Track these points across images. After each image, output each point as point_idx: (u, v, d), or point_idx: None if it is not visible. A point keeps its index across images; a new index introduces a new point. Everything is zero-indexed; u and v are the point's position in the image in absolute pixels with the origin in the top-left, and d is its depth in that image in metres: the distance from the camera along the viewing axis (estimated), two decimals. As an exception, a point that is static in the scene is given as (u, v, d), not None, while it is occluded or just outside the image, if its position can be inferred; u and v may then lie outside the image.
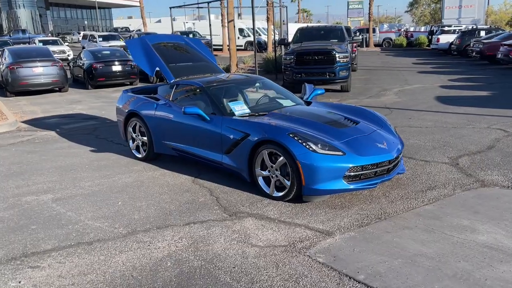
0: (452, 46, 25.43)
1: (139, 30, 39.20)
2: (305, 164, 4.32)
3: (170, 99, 6.07)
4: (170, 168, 5.99)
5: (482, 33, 24.21)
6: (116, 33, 34.65)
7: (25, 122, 9.92)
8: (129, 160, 6.52)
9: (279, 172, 4.61)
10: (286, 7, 17.10)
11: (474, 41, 21.51)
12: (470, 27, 28.42)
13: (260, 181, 4.83)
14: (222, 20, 33.95)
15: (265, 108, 5.60)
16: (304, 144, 4.39)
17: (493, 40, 20.19)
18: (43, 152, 7.21)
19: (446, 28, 29.14)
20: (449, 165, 5.65)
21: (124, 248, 3.76)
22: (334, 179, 4.36)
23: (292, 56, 12.13)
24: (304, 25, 19.92)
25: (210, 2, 14.54)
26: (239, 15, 53.92)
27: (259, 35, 37.02)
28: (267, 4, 21.81)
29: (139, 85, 16.59)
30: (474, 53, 20.82)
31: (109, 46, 25.24)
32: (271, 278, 3.16)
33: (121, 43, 27.46)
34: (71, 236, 4.02)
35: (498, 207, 4.27)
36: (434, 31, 31.74)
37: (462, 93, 11.84)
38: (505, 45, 17.88)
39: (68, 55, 26.45)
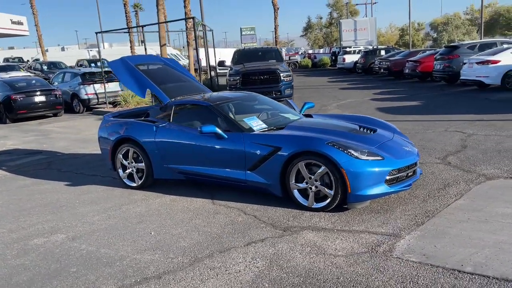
0: (358, 65, 27.57)
1: (37, 59, 36.45)
2: (350, 171, 4.37)
3: (171, 121, 5.76)
4: (175, 193, 5.65)
5: (383, 52, 26.65)
6: (15, 63, 31.78)
7: (-43, 162, 8.64)
8: (122, 190, 6.01)
9: (319, 183, 4.60)
10: (212, 30, 17.19)
11: (380, 59, 23.58)
12: (370, 47, 31.08)
13: (296, 194, 4.76)
14: (131, 47, 33.06)
15: (278, 122, 5.56)
16: (345, 151, 4.44)
17: (397, 57, 22.32)
18: (9, 192, 6.35)
19: (347, 49, 31.55)
20: (443, 164, 6.09)
21: (202, 276, 3.45)
22: (377, 183, 4.46)
23: (238, 77, 12.25)
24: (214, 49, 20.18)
25: (145, 26, 14.13)
26: (142, 42, 52.94)
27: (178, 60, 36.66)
28: (186, 29, 21.76)
29: (64, 115, 15.48)
30: (382, 70, 22.80)
31: (10, 77, 23.08)
32: (385, 283, 3.13)
33: (23, 73, 25.27)
34: (129, 273, 3.59)
35: (519, 194, 4.72)
36: (337, 52, 34.18)
37: (396, 104, 12.86)
38: (410, 61, 19.88)
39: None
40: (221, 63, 14.20)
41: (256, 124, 5.30)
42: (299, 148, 4.63)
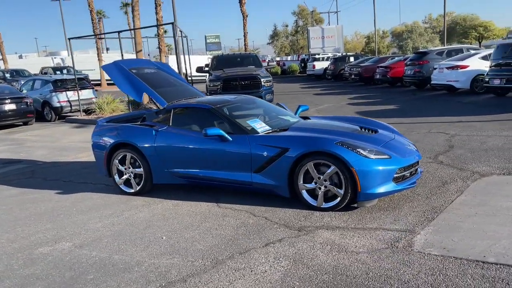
0: (327, 71, 28.08)
1: (-2, 68, 35.09)
2: (360, 170, 4.43)
3: (170, 125, 5.68)
4: (176, 198, 5.56)
5: (352, 59, 27.26)
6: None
7: None
8: (119, 196, 5.86)
9: (329, 182, 4.64)
10: (186, 36, 17.06)
11: (351, 66, 24.10)
12: (338, 54, 31.73)
13: (305, 194, 4.78)
14: (98, 54, 32.41)
15: (280, 124, 5.58)
16: (354, 151, 4.51)
17: (367, 63, 22.89)
18: (-4, 202, 6.07)
19: (317, 56, 32.08)
20: (436, 163, 6.28)
21: (229, 277, 3.41)
22: (385, 182, 4.55)
23: (219, 82, 12.23)
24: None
25: (121, 32, 13.86)
26: (107, 49, 52.01)
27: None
28: (158, 35, 21.53)
29: (35, 124, 14.98)
30: (352, 76, 23.29)
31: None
32: (415, 276, 3.19)
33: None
34: (151, 278, 3.50)
35: (516, 189, 4.92)
36: (306, 60, 34.69)
37: (374, 108, 13.16)
38: (381, 67, 20.42)
39: None
40: (200, 69, 14.14)
41: (260, 126, 5.31)
42: (308, 148, 4.66)
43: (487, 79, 13.08)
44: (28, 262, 3.99)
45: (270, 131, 5.27)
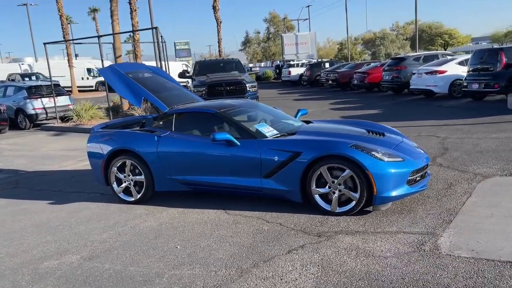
0: (303, 77, 28.27)
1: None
2: (376, 174, 4.38)
3: (173, 130, 5.50)
4: (180, 206, 5.37)
5: (327, 65, 27.56)
6: None
7: None
8: (118, 206, 5.62)
9: (343, 186, 4.57)
10: (165, 42, 16.77)
11: (327, 71, 24.34)
12: (314, 61, 32.04)
13: (318, 199, 4.70)
14: (69, 60, 31.58)
15: (285, 128, 5.48)
16: (369, 154, 4.46)
17: (344, 69, 23.17)
18: (-16, 214, 5.71)
19: (292, 62, 32.29)
20: (436, 166, 6.32)
21: (259, 287, 3.26)
22: (400, 184, 4.51)
23: (204, 88, 12.07)
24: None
25: (101, 36, 13.50)
26: (76, 55, 50.76)
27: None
28: (134, 40, 21.12)
29: (9, 132, 14.36)
30: (330, 82, 23.51)
31: None
32: (453, 280, 3.14)
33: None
34: (176, 290, 3.32)
35: (523, 190, 4.99)
36: (281, 66, 34.87)
37: (358, 113, 13.27)
38: (359, 73, 20.70)
39: None
40: (183, 74, 13.91)
41: (268, 130, 5.20)
42: (322, 152, 4.58)
43: (465, 84, 13.42)
44: (35, 278, 3.73)
45: (278, 135, 5.17)
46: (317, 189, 4.67)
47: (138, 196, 5.56)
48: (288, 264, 3.61)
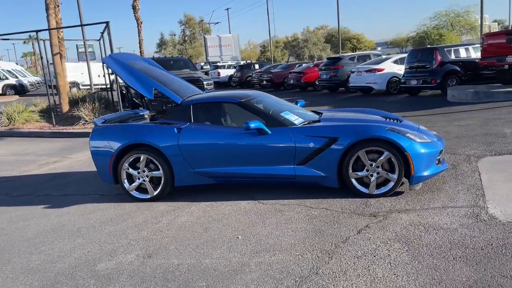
0: (233, 78, 28.40)
1: None
2: (413, 154, 4.59)
3: (192, 121, 5.26)
4: (203, 199, 5.17)
5: (257, 66, 27.99)
6: None
7: None
8: (131, 204, 5.24)
9: (381, 169, 4.72)
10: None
11: (260, 72, 24.73)
12: (242, 62, 32.33)
13: (355, 183, 4.80)
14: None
15: (306, 117, 5.49)
16: (405, 136, 4.67)
17: (277, 70, 23.71)
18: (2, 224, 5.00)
19: (219, 64, 32.28)
20: (427, 151, 6.75)
21: (357, 265, 3.27)
22: (431, 164, 4.77)
23: (161, 86, 11.60)
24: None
25: (40, 31, 12.36)
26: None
27: (16, 77, 32.68)
28: (58, 38, 19.65)
29: None
30: (264, 82, 23.90)
31: None
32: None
33: None
34: (274, 275, 3.19)
35: (521, 166, 5.54)
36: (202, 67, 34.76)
37: (312, 108, 13.63)
38: (294, 73, 21.31)
39: None
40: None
41: (295, 118, 5.19)
42: (360, 136, 4.68)
43: (403, 80, 14.47)
44: (102, 280, 3.36)
45: (306, 122, 5.19)
46: (355, 173, 4.77)
47: (155, 192, 5.23)
48: (367, 242, 3.65)
